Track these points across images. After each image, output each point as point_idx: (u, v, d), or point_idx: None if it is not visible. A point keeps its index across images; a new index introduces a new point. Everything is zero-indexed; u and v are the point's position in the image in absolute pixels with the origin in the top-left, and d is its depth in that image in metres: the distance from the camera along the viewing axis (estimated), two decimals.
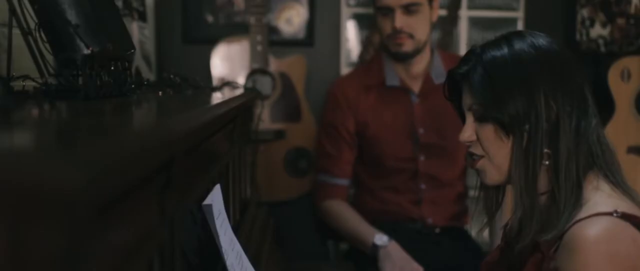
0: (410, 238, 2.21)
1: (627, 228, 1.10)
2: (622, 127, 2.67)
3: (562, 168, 1.16)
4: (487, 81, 1.20)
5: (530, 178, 1.17)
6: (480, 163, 1.24)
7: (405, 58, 2.25)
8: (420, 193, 2.31)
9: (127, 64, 1.33)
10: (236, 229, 1.39)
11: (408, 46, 2.21)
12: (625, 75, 2.68)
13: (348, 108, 2.30)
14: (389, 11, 2.19)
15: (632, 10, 2.85)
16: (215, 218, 1.13)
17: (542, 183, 1.19)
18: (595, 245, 1.08)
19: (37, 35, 1.12)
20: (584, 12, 2.85)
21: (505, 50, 1.20)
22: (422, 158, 2.29)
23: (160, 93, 1.50)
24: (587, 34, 2.85)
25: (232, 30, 2.73)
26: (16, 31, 1.11)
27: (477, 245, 2.40)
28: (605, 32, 2.85)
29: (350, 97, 2.31)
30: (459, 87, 1.28)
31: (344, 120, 2.30)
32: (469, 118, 1.24)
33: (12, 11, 1.08)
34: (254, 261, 1.33)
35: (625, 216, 1.11)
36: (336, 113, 2.32)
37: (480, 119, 1.22)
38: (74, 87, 1.08)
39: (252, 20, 2.53)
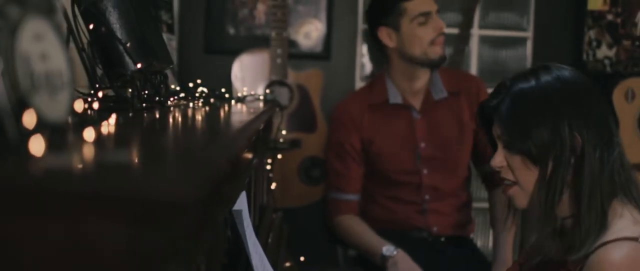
0: (417, 247, 2.31)
1: None
2: (626, 146, 2.75)
3: (585, 196, 1.22)
4: (514, 114, 1.28)
5: (549, 205, 1.24)
6: (512, 190, 1.32)
7: (440, 64, 2.35)
8: (424, 204, 2.41)
9: (164, 77, 1.46)
10: (255, 234, 1.50)
11: (444, 50, 2.34)
12: (629, 96, 2.79)
13: (353, 126, 2.41)
14: (428, 17, 2.29)
15: (638, 32, 2.96)
16: (243, 222, 1.23)
17: (567, 207, 1.26)
18: (619, 269, 1.15)
19: (90, 51, 1.24)
20: (591, 34, 2.95)
21: (533, 83, 1.28)
22: (424, 171, 2.39)
23: (190, 103, 1.61)
24: (594, 55, 2.96)
25: (253, 42, 2.84)
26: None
27: (483, 255, 2.50)
28: (611, 53, 2.96)
29: (354, 115, 2.42)
30: (490, 117, 1.36)
31: (349, 137, 2.41)
32: (500, 146, 1.32)
33: (70, 30, 1.20)
34: (272, 264, 1.43)
35: None
36: (341, 132, 2.43)
37: (508, 148, 1.30)
38: (124, 99, 1.20)
39: (273, 34, 2.64)
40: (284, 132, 2.50)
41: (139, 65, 1.23)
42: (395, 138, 2.40)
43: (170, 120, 1.11)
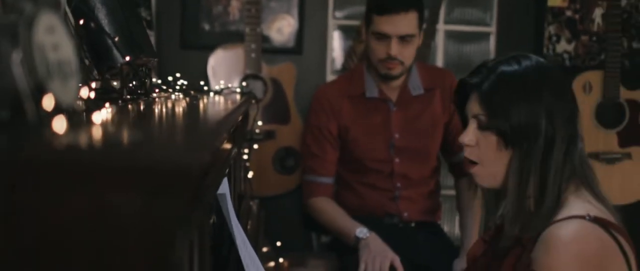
0: (388, 232, 2.41)
1: (596, 229, 1.24)
2: (584, 136, 2.91)
3: (549, 182, 1.28)
4: (496, 94, 1.31)
5: (523, 187, 1.30)
6: (475, 169, 1.38)
7: (392, 80, 2.45)
8: (395, 191, 2.51)
9: (148, 70, 1.54)
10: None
11: (397, 70, 2.38)
12: (587, 88, 2.92)
13: (331, 112, 2.50)
14: (385, 38, 2.33)
15: (595, 28, 3.11)
16: (227, 205, 1.32)
17: (530, 189, 1.32)
18: (567, 244, 1.22)
19: (81, 45, 1.32)
20: (551, 29, 3.09)
21: (515, 66, 1.32)
22: (397, 160, 2.50)
23: (173, 95, 1.70)
24: (554, 49, 3.09)
25: (227, 37, 2.92)
26: None
27: (450, 239, 2.62)
28: (570, 47, 3.10)
29: (333, 102, 2.51)
30: (467, 94, 1.38)
31: (327, 123, 2.50)
32: (472, 125, 1.35)
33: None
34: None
35: (595, 220, 1.24)
36: (320, 117, 2.52)
37: (483, 128, 1.33)
38: (114, 90, 1.28)
39: (247, 29, 2.72)
40: (260, 123, 2.60)
41: (127, 58, 1.31)
42: (371, 128, 2.49)
43: (163, 108, 1.20)
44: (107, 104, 1.10)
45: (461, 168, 2.56)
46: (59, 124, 0.62)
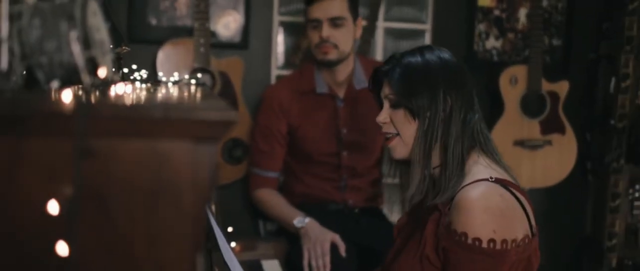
0: (333, 217, 2.56)
1: (498, 188, 1.48)
2: (510, 124, 3.14)
3: (451, 147, 1.53)
4: (403, 78, 1.57)
5: (427, 152, 1.56)
6: (394, 142, 1.62)
7: (329, 65, 2.59)
8: (342, 181, 2.67)
9: (120, 59, 1.64)
10: None
11: (332, 55, 2.55)
12: (513, 81, 3.16)
13: (281, 112, 2.64)
14: (317, 23, 2.52)
15: (520, 27, 3.36)
16: None
17: (435, 159, 1.57)
18: (475, 203, 1.45)
19: None
20: (481, 27, 3.31)
21: (418, 57, 1.59)
22: (344, 153, 2.65)
23: (136, 84, 1.79)
24: (483, 45, 3.32)
25: (174, 32, 3.00)
26: None
27: (390, 222, 2.79)
28: (498, 44, 3.34)
29: (283, 103, 2.64)
30: (381, 81, 1.65)
31: (277, 123, 2.64)
32: (386, 105, 1.62)
33: None
34: None
35: (497, 181, 1.50)
36: (270, 117, 2.65)
37: (394, 106, 1.60)
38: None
39: (196, 24, 2.82)
40: None
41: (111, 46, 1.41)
42: (320, 124, 2.64)
43: (159, 89, 1.31)
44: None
45: None
46: (120, 88, 0.74)
